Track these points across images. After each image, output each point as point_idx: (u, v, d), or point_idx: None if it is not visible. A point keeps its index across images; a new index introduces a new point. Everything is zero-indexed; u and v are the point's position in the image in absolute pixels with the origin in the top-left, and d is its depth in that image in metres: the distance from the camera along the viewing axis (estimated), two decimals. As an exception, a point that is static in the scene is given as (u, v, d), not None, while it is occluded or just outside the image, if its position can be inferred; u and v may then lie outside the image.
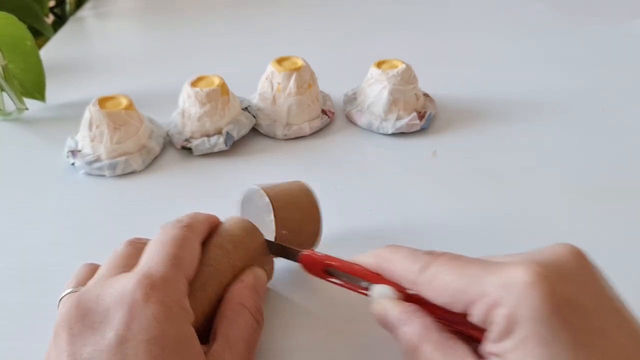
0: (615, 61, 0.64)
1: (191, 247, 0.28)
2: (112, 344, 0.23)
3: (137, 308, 0.23)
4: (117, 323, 0.23)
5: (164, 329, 0.23)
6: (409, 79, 0.49)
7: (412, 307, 0.25)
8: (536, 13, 0.82)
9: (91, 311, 0.24)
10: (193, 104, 0.46)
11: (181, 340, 0.24)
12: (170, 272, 0.25)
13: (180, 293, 0.25)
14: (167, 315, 0.24)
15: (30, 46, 0.53)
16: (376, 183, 0.44)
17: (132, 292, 0.24)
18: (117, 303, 0.24)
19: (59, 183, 0.44)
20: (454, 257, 0.24)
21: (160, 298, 0.24)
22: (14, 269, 0.36)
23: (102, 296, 0.24)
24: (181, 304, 0.25)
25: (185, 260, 0.27)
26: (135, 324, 0.23)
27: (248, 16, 0.82)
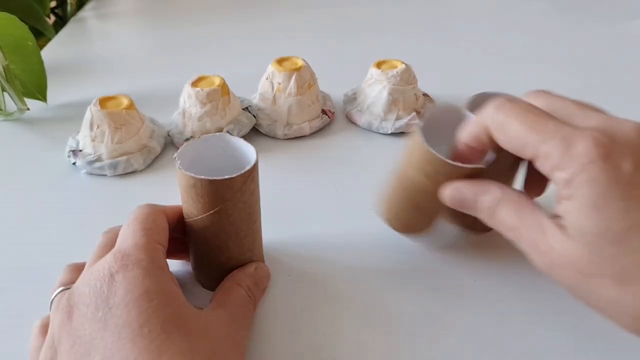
0: (615, 61, 0.65)
1: (156, 218, 0.29)
2: (103, 315, 0.24)
3: (117, 276, 0.25)
4: (104, 296, 0.24)
5: (146, 286, 0.25)
6: (409, 79, 0.49)
7: (486, 181, 0.28)
8: (536, 13, 0.82)
9: (82, 297, 0.25)
10: (194, 104, 0.46)
11: (166, 292, 0.25)
12: (140, 240, 0.27)
13: (155, 255, 0.27)
14: (146, 274, 0.25)
15: (31, 47, 0.53)
16: (376, 183, 0.44)
17: (109, 266, 0.25)
18: (99, 279, 0.25)
19: (60, 183, 0.44)
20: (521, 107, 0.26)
21: (137, 262, 0.25)
22: (14, 268, 0.36)
23: (85, 280, 0.26)
24: (159, 264, 0.26)
25: (152, 229, 0.28)
26: (120, 290, 0.24)
27: (248, 17, 0.83)
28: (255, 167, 0.29)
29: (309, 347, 0.30)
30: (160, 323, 0.24)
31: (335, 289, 0.34)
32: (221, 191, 0.28)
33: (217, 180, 0.27)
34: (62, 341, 0.24)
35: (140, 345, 0.23)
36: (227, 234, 0.30)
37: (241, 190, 0.28)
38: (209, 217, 0.29)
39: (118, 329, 0.23)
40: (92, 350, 0.23)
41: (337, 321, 0.32)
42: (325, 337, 0.31)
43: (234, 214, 0.29)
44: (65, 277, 0.29)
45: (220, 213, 0.29)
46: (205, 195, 0.28)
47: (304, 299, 0.33)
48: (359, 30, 0.77)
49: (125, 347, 0.23)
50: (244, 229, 0.30)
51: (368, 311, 0.32)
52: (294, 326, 0.31)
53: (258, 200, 0.31)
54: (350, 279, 0.34)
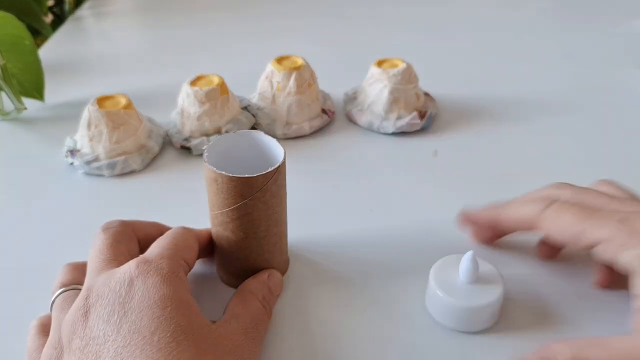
0: (615, 61, 0.64)
1: (187, 239, 0.30)
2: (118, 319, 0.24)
3: (136, 281, 0.25)
4: (122, 300, 0.25)
5: (162, 293, 0.25)
6: (410, 78, 0.49)
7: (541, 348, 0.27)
8: (537, 13, 0.82)
9: (101, 298, 0.25)
10: (192, 103, 0.46)
11: (181, 301, 0.25)
12: (166, 252, 0.27)
13: (176, 267, 0.27)
14: (164, 281, 0.26)
15: (29, 45, 0.53)
16: (376, 183, 0.43)
17: (131, 271, 0.26)
18: (119, 283, 0.26)
19: (57, 183, 0.44)
20: (573, 203, 0.29)
21: (157, 270, 0.26)
22: (13, 268, 0.36)
23: (106, 282, 0.26)
24: (178, 275, 0.27)
25: (180, 246, 0.29)
26: (137, 294, 0.25)
27: (247, 15, 0.82)
28: (279, 170, 0.29)
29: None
30: (171, 331, 0.24)
31: (336, 289, 0.33)
32: (241, 189, 0.28)
33: (237, 178, 0.27)
34: (73, 340, 0.25)
35: (148, 353, 0.23)
36: (245, 233, 0.30)
37: (261, 190, 0.28)
38: (228, 213, 0.29)
39: (130, 334, 0.24)
40: (104, 353, 0.23)
41: (337, 323, 0.31)
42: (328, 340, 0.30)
43: (253, 213, 0.29)
44: (66, 276, 0.30)
45: (239, 210, 0.29)
46: (225, 190, 0.28)
47: (305, 299, 0.33)
48: (359, 29, 0.77)
49: (134, 354, 0.23)
50: (264, 229, 0.30)
51: (367, 308, 0.32)
52: (292, 327, 0.31)
53: (282, 204, 0.31)
54: (350, 279, 0.34)
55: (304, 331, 0.31)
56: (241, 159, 0.31)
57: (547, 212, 0.29)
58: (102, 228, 0.30)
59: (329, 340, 0.30)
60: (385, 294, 0.33)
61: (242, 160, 0.31)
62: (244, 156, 0.31)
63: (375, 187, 0.43)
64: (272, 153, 0.30)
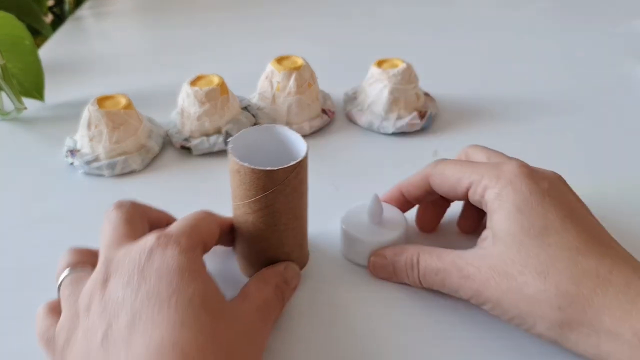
0: (615, 61, 0.64)
1: (210, 222, 0.30)
2: (136, 282, 0.25)
3: (155, 251, 0.26)
4: (141, 267, 0.26)
5: (180, 262, 0.26)
6: (410, 78, 0.49)
7: (400, 248, 0.33)
8: (537, 13, 0.82)
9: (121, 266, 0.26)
10: (192, 103, 0.46)
11: (198, 272, 0.26)
12: (186, 230, 0.28)
13: (194, 244, 0.28)
14: (182, 253, 0.26)
15: (28, 45, 0.53)
16: (377, 182, 0.43)
17: (151, 243, 0.27)
18: (138, 253, 0.26)
19: (57, 183, 0.44)
20: (455, 160, 0.34)
21: (176, 242, 0.27)
22: (13, 268, 0.36)
23: (126, 253, 0.27)
24: (195, 250, 0.27)
25: (201, 227, 0.29)
26: (155, 262, 0.26)
27: (247, 15, 0.82)
28: (301, 165, 0.29)
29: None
30: (188, 297, 0.25)
31: (336, 288, 0.33)
32: (263, 181, 0.28)
33: (260, 170, 0.28)
34: (92, 306, 0.25)
35: (165, 313, 0.24)
36: (266, 224, 0.30)
37: (283, 183, 0.29)
38: (250, 205, 0.30)
39: (148, 296, 0.24)
40: (121, 312, 0.24)
41: (354, 315, 0.31)
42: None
43: (274, 206, 0.29)
44: (72, 257, 0.30)
45: (261, 202, 0.29)
46: (247, 182, 0.29)
47: (304, 301, 0.33)
48: (359, 29, 0.77)
49: (152, 313, 0.24)
50: (284, 222, 0.31)
51: (382, 301, 0.32)
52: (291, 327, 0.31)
53: (302, 198, 0.31)
54: (351, 279, 0.34)
55: (321, 324, 0.31)
56: (265, 152, 0.32)
57: (434, 170, 0.33)
58: (115, 205, 0.31)
59: (345, 332, 0.31)
60: (387, 292, 0.33)
61: (266, 154, 0.32)
62: (267, 150, 0.32)
63: (375, 187, 0.43)
64: (295, 148, 0.31)
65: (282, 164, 0.28)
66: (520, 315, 0.27)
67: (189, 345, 0.23)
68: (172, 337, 0.23)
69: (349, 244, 0.35)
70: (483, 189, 0.30)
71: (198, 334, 0.24)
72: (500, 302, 0.27)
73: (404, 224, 0.35)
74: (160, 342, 0.23)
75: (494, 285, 0.27)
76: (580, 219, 0.29)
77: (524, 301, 0.26)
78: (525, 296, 0.26)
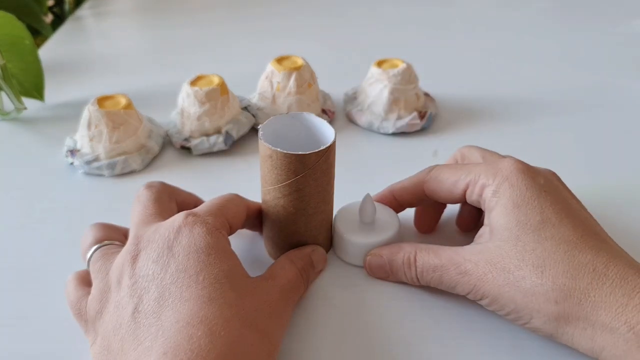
0: (615, 61, 0.64)
1: (238, 204, 0.32)
2: (166, 259, 0.26)
3: (183, 230, 0.27)
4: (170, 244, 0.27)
5: (207, 241, 0.27)
6: (410, 79, 0.49)
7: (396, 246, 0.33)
8: (537, 13, 0.82)
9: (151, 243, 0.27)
10: (192, 103, 0.46)
11: (224, 251, 0.27)
12: (213, 210, 0.29)
13: (221, 224, 0.29)
14: (209, 232, 0.27)
15: (28, 45, 0.53)
16: (377, 183, 0.43)
17: (179, 222, 0.28)
18: (168, 230, 0.28)
19: (57, 183, 0.44)
20: (450, 164, 0.34)
21: (203, 222, 0.28)
22: (13, 268, 0.36)
23: (156, 230, 0.28)
24: (221, 230, 0.28)
25: (229, 209, 0.30)
26: (184, 240, 0.27)
27: (247, 15, 0.82)
28: (331, 149, 0.30)
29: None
30: (215, 274, 0.26)
31: (327, 287, 0.33)
32: (294, 165, 0.29)
33: (292, 155, 0.29)
34: (122, 280, 0.27)
35: (193, 289, 0.25)
36: (295, 208, 0.31)
37: (313, 167, 0.29)
38: (280, 189, 0.30)
39: (177, 272, 0.26)
40: (151, 287, 0.26)
41: (335, 326, 0.31)
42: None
43: (304, 190, 0.30)
44: (99, 233, 0.31)
45: (291, 186, 0.30)
46: (279, 167, 0.29)
47: (347, 277, 0.33)
48: (359, 29, 0.77)
49: (181, 289, 0.25)
50: (313, 206, 0.31)
51: (360, 306, 0.32)
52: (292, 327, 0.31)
53: (330, 182, 0.32)
54: (343, 278, 0.34)
55: (314, 322, 0.31)
56: (292, 139, 0.33)
57: (429, 176, 0.33)
58: (145, 186, 0.32)
59: (338, 330, 0.30)
60: (387, 293, 0.33)
61: (293, 140, 0.32)
62: (294, 136, 0.33)
63: (375, 187, 0.43)
64: (321, 134, 0.32)
65: (310, 149, 0.29)
66: (516, 310, 0.27)
67: (216, 320, 0.24)
68: (200, 312, 0.24)
69: (340, 244, 0.35)
70: (480, 187, 0.30)
71: (224, 309, 0.25)
72: (497, 297, 0.27)
73: (397, 224, 0.35)
74: (188, 316, 0.24)
75: (491, 279, 0.27)
76: (576, 213, 0.29)
77: (521, 295, 0.27)
78: (522, 290, 0.26)
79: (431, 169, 0.34)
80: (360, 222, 0.34)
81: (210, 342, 0.23)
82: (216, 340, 0.24)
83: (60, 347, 0.30)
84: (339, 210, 0.36)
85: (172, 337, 0.24)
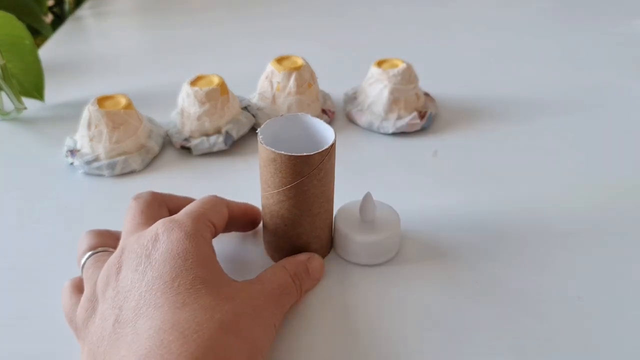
0: (615, 61, 0.64)
1: (216, 204, 0.31)
2: (143, 268, 0.26)
3: (162, 237, 0.28)
4: (148, 252, 0.27)
5: (185, 247, 0.27)
6: (410, 78, 0.49)
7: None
8: (537, 13, 0.82)
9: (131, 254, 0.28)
10: (192, 103, 0.46)
11: (202, 256, 0.27)
12: (192, 214, 0.29)
13: (201, 227, 0.29)
14: (187, 237, 0.27)
15: (28, 45, 0.53)
16: (376, 183, 0.43)
17: (157, 229, 0.28)
18: (147, 239, 0.28)
19: (57, 183, 0.44)
20: None
21: (181, 226, 0.28)
22: (13, 269, 0.36)
23: (136, 241, 0.28)
24: (202, 234, 0.28)
25: (209, 210, 0.30)
26: (161, 247, 0.27)
27: (248, 15, 0.82)
28: (333, 147, 0.30)
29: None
30: (191, 280, 0.26)
31: (328, 285, 0.33)
32: (299, 167, 0.29)
33: (295, 156, 0.29)
34: (107, 291, 0.27)
35: (168, 296, 0.25)
36: (300, 210, 0.31)
37: (318, 168, 0.30)
38: (285, 192, 0.31)
39: (153, 279, 0.26)
40: (130, 297, 0.26)
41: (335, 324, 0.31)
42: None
43: (309, 191, 0.30)
44: (93, 240, 0.32)
45: (296, 188, 0.30)
46: (283, 169, 0.30)
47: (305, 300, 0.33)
48: (359, 29, 0.77)
49: (156, 296, 0.25)
50: (317, 206, 0.32)
51: (361, 304, 0.32)
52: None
53: (332, 181, 0.32)
54: (343, 276, 0.34)
55: (312, 319, 0.31)
56: (291, 140, 0.33)
57: None
58: (134, 197, 0.32)
59: (338, 328, 0.30)
60: (387, 293, 0.33)
61: (293, 141, 0.32)
62: (294, 137, 0.33)
63: (375, 187, 0.43)
64: (320, 133, 0.32)
65: (310, 149, 0.29)
66: None
67: (188, 324, 0.24)
68: (172, 317, 0.24)
69: (341, 242, 0.35)
70: None
71: (198, 313, 0.25)
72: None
73: (397, 223, 0.35)
74: (161, 322, 0.24)
75: None
76: None
77: None
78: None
79: None
80: (360, 221, 0.34)
81: (182, 346, 0.23)
82: (189, 344, 0.23)
83: (60, 347, 0.30)
84: (340, 209, 0.36)
85: (144, 343, 0.24)
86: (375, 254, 0.35)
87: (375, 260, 0.35)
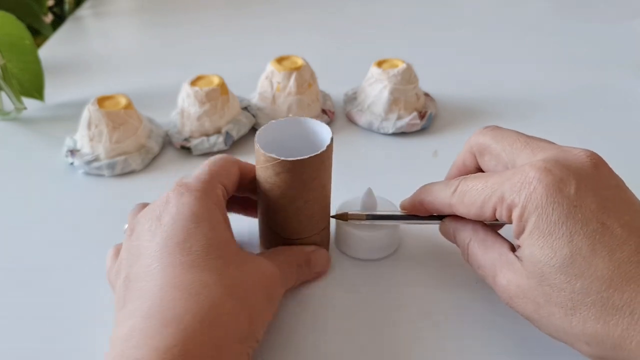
0: (615, 61, 0.64)
1: (226, 164, 0.31)
2: (154, 228, 0.27)
3: (172, 200, 0.28)
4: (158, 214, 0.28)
5: (195, 210, 0.27)
6: (410, 79, 0.49)
7: (464, 220, 0.30)
8: (537, 12, 0.82)
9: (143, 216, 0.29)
10: (192, 103, 0.46)
11: (213, 219, 0.28)
12: (202, 176, 0.30)
13: (211, 190, 0.29)
14: (197, 201, 0.28)
15: (28, 45, 0.53)
16: (376, 183, 0.43)
17: (168, 193, 0.29)
18: (158, 203, 0.29)
19: (57, 183, 0.44)
20: (477, 175, 0.29)
21: (191, 190, 0.28)
22: (13, 269, 0.36)
23: (149, 206, 0.29)
24: (212, 197, 0.29)
25: (219, 172, 0.30)
26: (172, 210, 0.28)
27: (248, 15, 0.82)
28: (330, 150, 0.31)
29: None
30: (201, 242, 0.26)
31: (328, 280, 0.33)
32: (297, 171, 0.29)
33: (292, 161, 0.29)
34: (123, 253, 0.28)
35: (177, 256, 0.26)
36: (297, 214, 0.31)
37: (315, 171, 0.30)
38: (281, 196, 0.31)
39: (163, 240, 0.27)
40: (141, 256, 0.27)
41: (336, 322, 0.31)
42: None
43: (306, 194, 0.31)
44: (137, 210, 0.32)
45: (294, 192, 0.31)
46: (284, 172, 0.30)
47: (296, 290, 0.33)
48: (359, 29, 0.77)
49: (165, 256, 0.26)
50: (313, 210, 0.32)
51: (361, 300, 0.32)
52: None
53: (330, 182, 0.33)
54: (344, 271, 0.34)
55: (313, 314, 0.31)
56: (287, 143, 0.33)
57: (454, 198, 0.29)
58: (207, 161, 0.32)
59: (338, 323, 0.30)
60: (388, 292, 0.33)
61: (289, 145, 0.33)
62: (289, 141, 0.33)
63: (375, 187, 0.43)
64: (315, 133, 0.32)
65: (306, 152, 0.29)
66: (552, 336, 0.26)
67: (195, 284, 0.25)
68: (181, 276, 0.25)
69: (343, 237, 0.35)
70: (508, 209, 0.26)
71: (205, 275, 0.25)
72: (530, 319, 0.26)
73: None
74: (170, 280, 0.25)
75: (521, 304, 0.26)
76: (614, 232, 0.24)
77: (553, 328, 0.25)
78: (552, 324, 0.25)
79: (454, 191, 0.29)
80: None
81: (185, 304, 0.24)
82: (193, 304, 0.24)
83: (60, 347, 0.30)
84: (341, 205, 0.36)
85: (150, 299, 0.25)
86: (375, 249, 0.35)
87: (375, 255, 0.35)
